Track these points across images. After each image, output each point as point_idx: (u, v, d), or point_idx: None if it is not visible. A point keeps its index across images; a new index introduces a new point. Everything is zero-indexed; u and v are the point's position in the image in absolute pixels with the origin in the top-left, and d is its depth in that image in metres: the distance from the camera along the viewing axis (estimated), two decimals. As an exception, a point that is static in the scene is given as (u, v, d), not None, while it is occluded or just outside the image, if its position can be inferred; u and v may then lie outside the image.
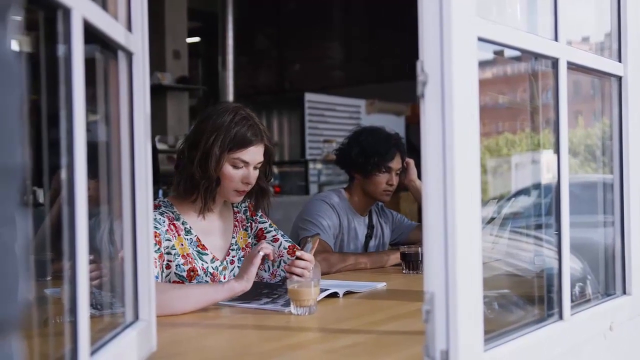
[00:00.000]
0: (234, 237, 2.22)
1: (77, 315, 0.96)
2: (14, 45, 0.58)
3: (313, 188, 7.28)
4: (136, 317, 1.31)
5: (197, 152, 2.06)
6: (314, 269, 2.19)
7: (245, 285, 1.86)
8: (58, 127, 0.96)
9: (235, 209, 2.28)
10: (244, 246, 2.25)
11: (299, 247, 2.49)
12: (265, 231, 2.28)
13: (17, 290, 0.54)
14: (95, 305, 1.31)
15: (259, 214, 2.31)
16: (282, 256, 2.22)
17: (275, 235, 2.28)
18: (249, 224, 2.29)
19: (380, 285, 2.26)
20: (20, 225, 0.55)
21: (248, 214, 2.29)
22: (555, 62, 1.45)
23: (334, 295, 2.03)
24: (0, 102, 0.54)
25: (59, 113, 0.96)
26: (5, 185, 0.53)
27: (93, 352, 1.04)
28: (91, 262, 1.01)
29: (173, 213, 2.12)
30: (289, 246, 2.26)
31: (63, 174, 0.95)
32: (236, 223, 2.26)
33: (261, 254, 1.89)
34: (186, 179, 2.09)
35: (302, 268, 1.98)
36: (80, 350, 0.97)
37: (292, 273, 1.98)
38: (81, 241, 0.97)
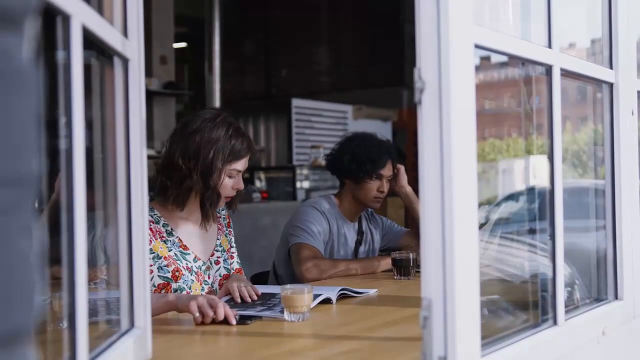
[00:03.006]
0: (218, 239, 2.30)
1: (76, 324, 0.96)
2: (30, 55, 0.58)
3: (300, 194, 7.26)
4: (132, 324, 1.30)
5: (197, 166, 2.10)
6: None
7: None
8: (51, 133, 0.96)
9: (216, 213, 2.33)
10: (227, 249, 2.33)
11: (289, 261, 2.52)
12: (231, 244, 2.37)
13: (33, 300, 0.54)
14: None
15: (231, 227, 2.40)
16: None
17: (234, 253, 2.37)
18: (227, 231, 2.38)
19: (372, 292, 2.26)
20: (35, 235, 0.55)
21: (225, 222, 2.38)
22: (549, 69, 1.46)
23: (327, 301, 2.02)
24: (18, 112, 0.54)
25: (54, 119, 0.96)
26: (22, 194, 0.52)
27: (91, 360, 1.04)
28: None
29: (152, 216, 2.15)
30: (236, 268, 2.35)
31: (63, 181, 0.94)
32: (219, 226, 2.33)
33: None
34: (184, 191, 2.12)
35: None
36: (78, 358, 0.96)
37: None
38: (80, 249, 0.96)
